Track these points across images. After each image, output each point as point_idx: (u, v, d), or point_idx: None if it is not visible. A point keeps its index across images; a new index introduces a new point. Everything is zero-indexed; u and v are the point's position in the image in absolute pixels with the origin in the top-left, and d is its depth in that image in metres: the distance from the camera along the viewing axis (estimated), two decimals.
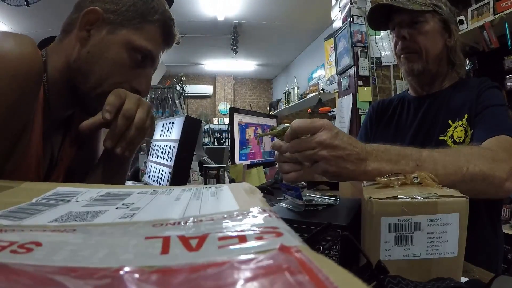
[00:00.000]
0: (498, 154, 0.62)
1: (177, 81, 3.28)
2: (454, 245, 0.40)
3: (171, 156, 0.98)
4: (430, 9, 0.87)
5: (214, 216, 0.23)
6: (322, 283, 0.12)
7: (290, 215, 0.52)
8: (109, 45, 0.60)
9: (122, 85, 0.61)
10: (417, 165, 0.54)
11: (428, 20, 0.88)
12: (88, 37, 0.60)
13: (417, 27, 0.88)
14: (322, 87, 4.38)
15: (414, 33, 0.89)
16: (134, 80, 0.63)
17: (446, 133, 0.86)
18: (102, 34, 0.60)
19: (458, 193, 0.41)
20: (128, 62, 0.61)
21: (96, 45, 0.60)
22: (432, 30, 0.88)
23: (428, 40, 0.88)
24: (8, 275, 0.13)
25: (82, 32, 0.60)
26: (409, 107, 0.98)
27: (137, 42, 0.61)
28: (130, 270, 0.14)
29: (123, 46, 0.60)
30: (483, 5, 2.05)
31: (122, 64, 0.61)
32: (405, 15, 0.89)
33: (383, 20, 0.96)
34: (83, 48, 0.60)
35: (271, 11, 4.69)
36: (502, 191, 0.59)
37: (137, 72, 0.63)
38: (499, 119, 0.77)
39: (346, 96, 2.61)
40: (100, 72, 0.60)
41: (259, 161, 1.64)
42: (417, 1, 0.87)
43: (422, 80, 0.94)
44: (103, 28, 0.60)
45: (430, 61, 0.89)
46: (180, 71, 6.94)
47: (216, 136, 6.79)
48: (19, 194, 0.33)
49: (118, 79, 0.61)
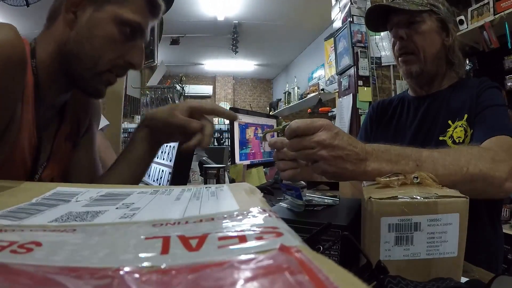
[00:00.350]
0: (498, 154, 0.62)
1: (177, 81, 3.28)
2: (454, 245, 0.40)
3: (171, 156, 0.98)
4: (427, 9, 0.88)
5: (214, 216, 0.23)
6: (322, 283, 0.12)
7: (290, 215, 0.52)
8: (97, 23, 0.60)
9: (116, 61, 0.62)
10: (417, 165, 0.54)
11: (425, 19, 0.88)
12: (75, 18, 0.60)
13: (414, 27, 0.89)
14: (322, 87, 4.39)
15: (411, 33, 0.89)
16: (127, 54, 0.63)
17: (446, 133, 0.86)
18: (88, 14, 0.60)
19: (458, 193, 0.41)
20: (118, 37, 0.61)
21: (84, 25, 0.60)
22: (429, 29, 0.88)
23: (426, 39, 0.88)
24: (8, 275, 0.13)
25: (69, 14, 0.60)
26: (409, 107, 0.98)
27: (125, 16, 0.61)
28: (130, 270, 0.14)
29: (111, 22, 0.60)
30: (483, 5, 2.05)
31: (113, 40, 0.61)
32: (402, 16, 0.89)
33: (381, 21, 0.96)
34: (71, 31, 0.60)
35: (271, 11, 4.69)
36: (502, 191, 0.59)
37: (129, 46, 0.63)
38: (499, 119, 0.77)
39: (346, 96, 2.62)
40: (92, 51, 0.60)
41: (259, 161, 1.64)
42: (414, 1, 0.87)
43: (420, 81, 0.94)
44: (89, 7, 0.60)
45: (428, 62, 0.89)
46: (180, 71, 6.93)
47: (216, 136, 6.78)
48: (19, 194, 0.33)
49: (111, 56, 0.62)
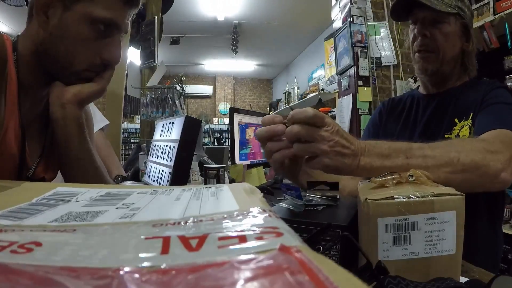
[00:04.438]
0: (493, 145, 0.61)
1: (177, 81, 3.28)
2: (452, 242, 0.40)
3: (171, 156, 0.98)
4: (455, 12, 0.88)
5: (214, 216, 0.23)
6: (322, 283, 0.12)
7: (290, 215, 0.52)
8: (68, 23, 0.59)
9: (92, 60, 0.62)
10: (407, 157, 0.54)
11: (450, 22, 0.88)
12: (47, 19, 0.59)
13: (439, 26, 0.89)
14: (322, 87, 4.39)
15: (436, 32, 0.89)
16: (103, 51, 0.62)
17: (452, 132, 0.86)
18: (59, 14, 0.59)
19: (454, 191, 0.41)
20: (91, 36, 0.60)
21: (56, 26, 0.59)
22: (453, 32, 0.89)
23: (448, 42, 0.89)
24: (8, 275, 0.13)
25: (40, 16, 0.59)
26: (419, 104, 0.99)
27: (95, 13, 0.59)
28: (130, 270, 0.14)
29: (82, 21, 0.59)
30: (483, 5, 2.05)
31: (86, 39, 0.60)
32: (429, 13, 0.89)
33: (405, 12, 0.95)
34: (45, 32, 0.60)
35: (271, 11, 4.69)
36: (498, 182, 0.59)
37: (104, 42, 0.62)
38: (502, 114, 0.77)
39: (346, 96, 2.62)
40: (66, 52, 0.60)
41: (259, 161, 1.64)
42: (444, 1, 0.87)
43: (434, 79, 0.95)
44: (58, 7, 0.59)
45: (445, 63, 0.90)
46: (180, 71, 6.94)
47: (216, 136, 6.79)
48: (19, 194, 0.33)
49: (86, 55, 0.61)
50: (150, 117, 2.93)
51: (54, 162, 0.71)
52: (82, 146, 0.64)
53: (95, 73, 0.64)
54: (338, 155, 0.53)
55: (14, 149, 0.61)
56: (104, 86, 0.66)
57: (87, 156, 0.66)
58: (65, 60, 0.60)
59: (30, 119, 0.65)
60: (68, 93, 0.62)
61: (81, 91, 0.63)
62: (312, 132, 0.52)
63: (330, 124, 0.53)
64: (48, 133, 0.69)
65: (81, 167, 0.65)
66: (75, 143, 0.63)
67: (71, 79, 0.62)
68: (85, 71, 0.62)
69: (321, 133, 0.52)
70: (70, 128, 0.62)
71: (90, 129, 0.82)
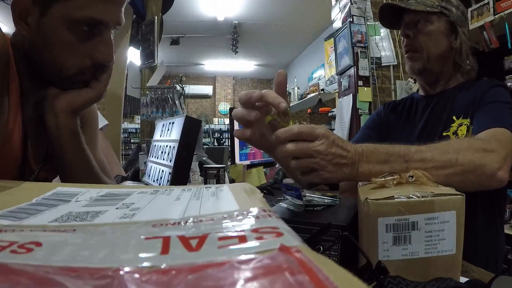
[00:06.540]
0: (490, 144, 0.62)
1: (177, 81, 3.28)
2: (452, 242, 0.40)
3: (171, 156, 0.98)
4: (436, 11, 0.90)
5: (214, 216, 0.23)
6: (322, 283, 0.12)
7: (290, 215, 0.52)
8: (47, 29, 0.54)
9: (82, 64, 0.58)
10: (406, 161, 0.55)
11: (432, 21, 0.91)
12: (26, 26, 0.55)
13: (420, 26, 0.91)
14: (322, 87, 4.39)
15: (416, 32, 0.92)
16: (93, 52, 0.58)
17: (449, 129, 0.86)
18: (37, 19, 0.54)
19: (453, 191, 0.42)
20: (75, 39, 0.55)
21: (37, 32, 0.55)
22: (436, 30, 0.91)
23: (431, 40, 0.91)
24: (8, 275, 0.13)
25: (19, 24, 0.55)
26: (417, 106, 1.00)
27: (74, 15, 0.53)
28: (130, 270, 0.14)
29: (61, 25, 0.54)
30: (483, 5, 2.05)
31: (69, 43, 0.55)
32: (412, 15, 0.92)
33: (395, 19, 0.99)
34: (28, 40, 0.56)
35: (271, 11, 4.69)
36: (495, 181, 0.59)
37: (93, 43, 0.57)
38: (499, 113, 0.77)
39: (346, 96, 2.61)
40: (52, 59, 0.56)
41: (259, 161, 1.64)
42: (424, 3, 0.90)
43: (426, 78, 0.97)
44: (35, 12, 0.54)
45: (432, 60, 0.91)
46: (180, 71, 6.94)
47: (216, 136, 6.79)
48: (19, 194, 0.33)
49: (74, 59, 0.57)
50: (150, 117, 2.93)
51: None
52: (77, 154, 0.62)
53: (91, 75, 0.61)
54: (336, 167, 0.53)
55: (19, 153, 0.60)
56: (100, 91, 0.62)
57: (83, 164, 0.63)
58: (53, 66, 0.57)
59: (33, 121, 0.63)
60: (61, 102, 0.59)
61: (75, 99, 0.60)
62: (306, 149, 0.52)
63: (323, 135, 0.52)
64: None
65: (76, 175, 0.62)
66: (70, 151, 0.61)
67: (65, 84, 0.59)
68: (76, 75, 0.59)
69: (317, 148, 0.52)
70: (64, 137, 0.60)
71: (93, 126, 0.79)
